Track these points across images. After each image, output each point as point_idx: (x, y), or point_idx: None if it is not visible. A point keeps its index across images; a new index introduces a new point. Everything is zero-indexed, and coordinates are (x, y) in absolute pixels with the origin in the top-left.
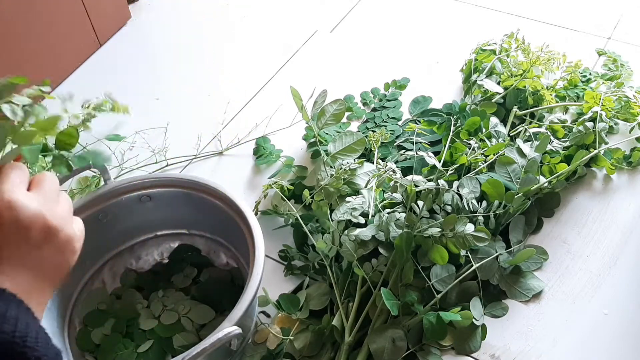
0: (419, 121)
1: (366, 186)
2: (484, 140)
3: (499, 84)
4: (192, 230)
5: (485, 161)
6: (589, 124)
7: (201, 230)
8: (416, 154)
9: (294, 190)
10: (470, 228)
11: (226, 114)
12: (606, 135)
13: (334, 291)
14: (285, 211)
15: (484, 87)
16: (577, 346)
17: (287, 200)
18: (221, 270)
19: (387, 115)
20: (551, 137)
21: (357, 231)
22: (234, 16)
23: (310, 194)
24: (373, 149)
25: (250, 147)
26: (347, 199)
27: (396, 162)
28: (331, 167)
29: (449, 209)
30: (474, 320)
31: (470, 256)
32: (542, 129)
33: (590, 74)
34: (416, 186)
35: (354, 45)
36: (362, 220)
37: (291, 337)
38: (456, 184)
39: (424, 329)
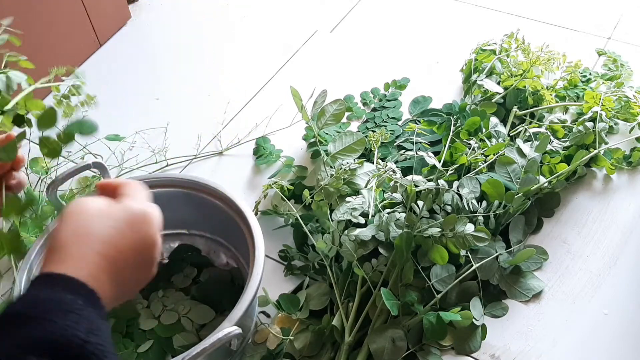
0: (419, 121)
1: (366, 186)
2: (484, 140)
3: (499, 84)
4: (192, 230)
5: (485, 161)
6: (589, 124)
7: (201, 230)
8: (416, 154)
9: (294, 190)
10: (470, 228)
11: (226, 114)
12: (606, 135)
13: (334, 291)
14: (285, 211)
15: (484, 87)
16: (577, 346)
17: (287, 200)
18: (221, 270)
19: (387, 115)
20: (551, 137)
21: (357, 231)
22: (234, 16)
23: (310, 194)
24: (373, 149)
25: (250, 147)
26: (347, 199)
27: (396, 162)
28: (331, 167)
29: (449, 209)
30: (474, 320)
31: (470, 256)
32: (542, 129)
33: (590, 74)
34: (416, 186)
35: (354, 45)
36: (362, 220)
37: (291, 337)
38: (456, 184)
39: (424, 329)
